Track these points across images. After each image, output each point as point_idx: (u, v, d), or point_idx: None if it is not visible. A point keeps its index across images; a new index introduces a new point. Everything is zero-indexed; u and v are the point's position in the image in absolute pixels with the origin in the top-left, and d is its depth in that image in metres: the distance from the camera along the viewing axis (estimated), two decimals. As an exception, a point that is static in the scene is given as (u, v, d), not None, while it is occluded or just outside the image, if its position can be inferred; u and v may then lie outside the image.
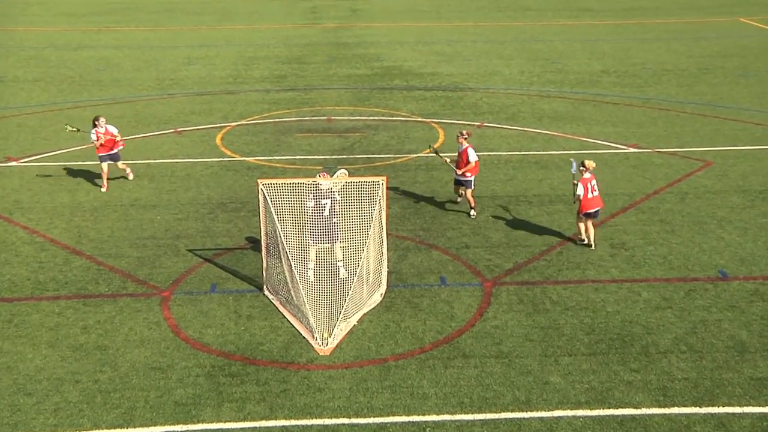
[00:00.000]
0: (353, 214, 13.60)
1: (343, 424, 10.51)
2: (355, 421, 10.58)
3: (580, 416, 10.63)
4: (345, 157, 21.37)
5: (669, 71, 31.91)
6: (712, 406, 10.84)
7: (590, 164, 15.44)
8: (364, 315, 13.24)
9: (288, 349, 12.30)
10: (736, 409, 10.78)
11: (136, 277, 14.68)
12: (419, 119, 25.19)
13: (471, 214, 17.17)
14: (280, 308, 13.44)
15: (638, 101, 27.20)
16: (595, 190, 15.39)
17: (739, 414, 10.69)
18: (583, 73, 31.83)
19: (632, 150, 21.87)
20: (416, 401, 10.98)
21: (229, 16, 47.94)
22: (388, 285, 14.13)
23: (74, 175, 20.19)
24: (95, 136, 18.71)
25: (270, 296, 13.82)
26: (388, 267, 14.32)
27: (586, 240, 15.72)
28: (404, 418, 10.62)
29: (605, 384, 11.35)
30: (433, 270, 14.88)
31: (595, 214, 15.53)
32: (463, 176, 17.01)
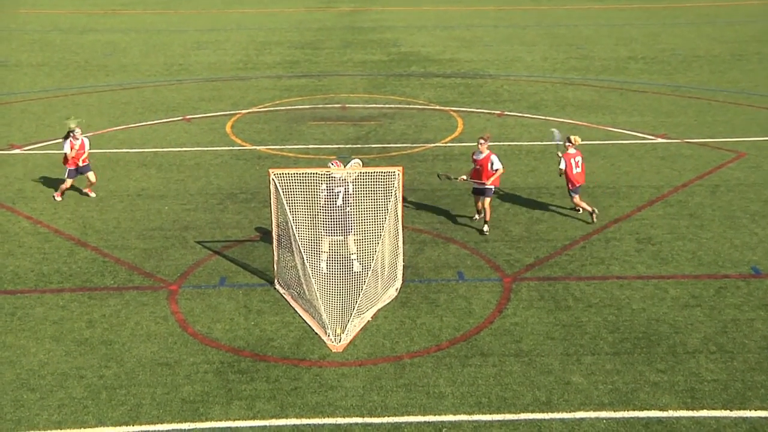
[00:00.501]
0: (368, 206, 13.47)
1: (356, 424, 10.39)
2: (368, 420, 10.44)
3: (603, 418, 10.43)
4: (360, 146, 21.41)
5: (700, 57, 31.42)
6: (743, 409, 10.60)
7: (576, 140, 16.03)
8: (379, 311, 13.12)
9: (299, 345, 12.18)
10: (770, 414, 10.64)
11: (143, 269, 14.59)
12: (437, 107, 25.05)
13: (484, 230, 15.95)
14: (292, 303, 13.34)
15: (667, 89, 26.91)
16: (579, 166, 15.98)
17: (773, 419, 10.54)
18: (609, 59, 31.42)
19: (660, 140, 21.71)
20: (432, 400, 10.81)
21: (239, -2, 47.81)
22: (403, 280, 14.00)
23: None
24: (68, 147, 17.33)
25: (281, 290, 13.72)
26: (403, 261, 14.21)
27: (590, 210, 16.19)
28: (419, 418, 10.47)
29: (630, 385, 11.11)
30: (450, 264, 14.71)
31: (576, 190, 16.20)
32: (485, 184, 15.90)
